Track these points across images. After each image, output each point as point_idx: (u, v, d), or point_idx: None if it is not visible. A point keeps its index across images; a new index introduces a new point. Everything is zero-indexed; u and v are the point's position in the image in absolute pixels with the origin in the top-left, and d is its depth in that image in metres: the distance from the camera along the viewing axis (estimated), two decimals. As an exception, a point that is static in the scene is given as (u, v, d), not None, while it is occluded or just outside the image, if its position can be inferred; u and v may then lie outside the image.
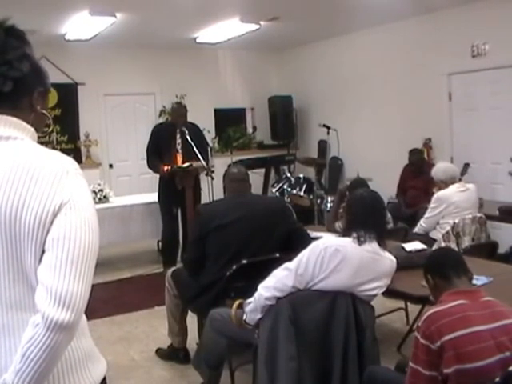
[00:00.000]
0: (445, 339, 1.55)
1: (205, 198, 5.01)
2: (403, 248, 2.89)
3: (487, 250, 3.26)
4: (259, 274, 2.26)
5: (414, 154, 5.24)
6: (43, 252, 0.96)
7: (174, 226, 4.92)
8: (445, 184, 3.69)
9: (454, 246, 3.39)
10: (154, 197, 5.08)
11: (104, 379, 1.14)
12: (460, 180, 3.90)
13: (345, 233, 2.26)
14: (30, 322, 0.93)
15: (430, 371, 1.59)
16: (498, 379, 1.52)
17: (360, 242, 2.15)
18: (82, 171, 1.05)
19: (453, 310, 1.62)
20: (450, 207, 3.59)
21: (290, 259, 2.21)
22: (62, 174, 0.99)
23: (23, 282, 0.99)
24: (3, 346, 0.99)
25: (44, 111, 1.12)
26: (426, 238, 3.58)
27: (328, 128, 5.55)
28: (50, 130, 6.50)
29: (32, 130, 1.08)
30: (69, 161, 1.04)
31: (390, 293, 2.42)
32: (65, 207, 0.97)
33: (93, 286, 1.01)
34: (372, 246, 2.18)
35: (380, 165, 6.13)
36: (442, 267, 1.82)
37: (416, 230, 3.79)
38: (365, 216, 2.19)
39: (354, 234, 2.17)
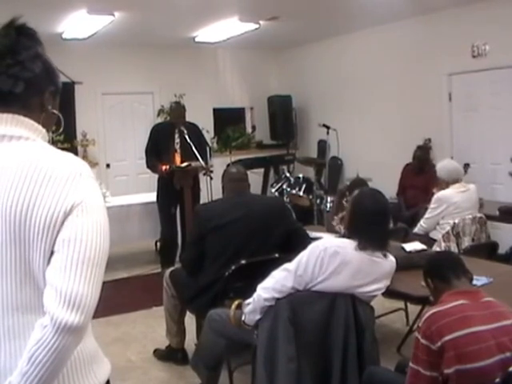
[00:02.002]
0: (445, 339, 1.55)
1: (204, 198, 4.99)
2: (403, 248, 2.87)
3: (487, 250, 3.26)
4: (258, 275, 2.24)
5: (422, 149, 5.22)
6: (52, 253, 0.95)
7: (173, 226, 4.89)
8: (446, 184, 3.67)
9: (454, 246, 3.38)
10: (151, 197, 5.06)
11: (108, 380, 1.13)
12: (460, 180, 3.88)
13: (345, 237, 2.23)
14: (38, 324, 0.92)
15: (430, 372, 1.58)
16: (497, 380, 1.51)
17: (361, 249, 2.11)
18: (94, 174, 1.04)
19: (453, 310, 1.62)
20: (451, 207, 3.58)
21: (290, 259, 2.19)
22: (75, 175, 0.98)
23: (31, 284, 0.97)
24: (8, 349, 0.98)
25: (55, 111, 1.11)
26: (425, 238, 3.57)
27: (327, 128, 5.54)
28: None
29: (44, 131, 1.07)
30: (82, 163, 1.03)
31: (389, 293, 2.41)
32: (76, 209, 0.96)
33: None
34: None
35: (380, 165, 6.12)
36: (440, 269, 1.82)
37: (416, 230, 3.77)
38: (367, 229, 2.12)
39: (356, 241, 2.12)
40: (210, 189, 4.93)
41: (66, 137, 6.67)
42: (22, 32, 1.05)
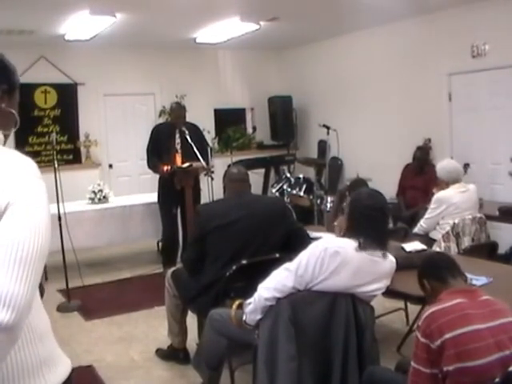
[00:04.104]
0: (446, 337, 1.56)
1: (204, 198, 5.01)
2: (403, 248, 2.89)
3: (487, 250, 3.27)
4: (259, 275, 2.26)
5: (421, 150, 5.24)
6: None
7: (174, 226, 4.91)
8: (445, 184, 3.68)
9: (453, 246, 3.40)
10: (153, 197, 5.07)
11: (67, 380, 1.11)
12: (460, 180, 3.89)
13: (345, 236, 2.24)
14: None
15: (431, 369, 1.59)
16: (497, 379, 1.52)
17: (361, 248, 2.12)
18: (40, 174, 1.02)
19: (452, 308, 1.63)
20: (451, 208, 3.59)
21: (290, 259, 2.20)
22: (14, 174, 0.97)
23: None
24: None
25: (11, 110, 1.09)
26: (425, 238, 3.58)
27: (328, 128, 5.55)
28: (50, 129, 6.52)
29: None
30: (26, 161, 1.01)
31: (389, 293, 2.42)
32: (11, 207, 0.94)
33: (92, 286, 1.01)
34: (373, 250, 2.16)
35: (380, 165, 6.13)
36: (436, 270, 1.83)
37: (416, 230, 3.78)
38: (365, 226, 2.14)
39: (356, 241, 2.13)
40: (211, 189, 4.95)
41: (69, 137, 6.71)
42: None
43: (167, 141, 4.85)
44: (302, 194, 6.04)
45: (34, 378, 1.03)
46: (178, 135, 4.85)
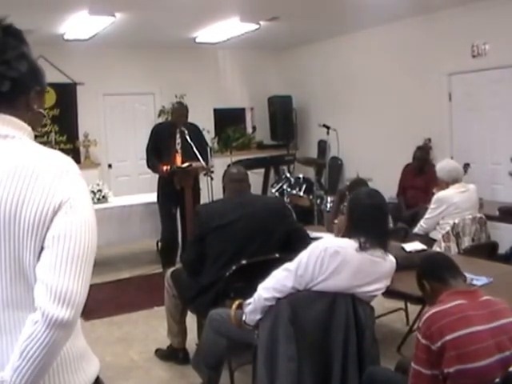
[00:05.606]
0: (446, 339, 1.56)
1: (204, 198, 5.01)
2: (403, 248, 2.89)
3: (487, 250, 3.27)
4: (259, 275, 2.25)
5: (421, 150, 5.25)
6: (42, 250, 0.97)
7: (173, 226, 4.90)
8: (445, 184, 3.68)
9: (453, 246, 3.40)
10: (153, 197, 5.07)
11: (97, 378, 1.15)
12: (460, 180, 3.88)
13: (345, 237, 2.23)
14: (29, 320, 0.94)
15: (431, 370, 1.59)
16: (497, 380, 1.52)
17: (362, 249, 2.11)
18: (80, 171, 1.06)
19: (453, 310, 1.63)
20: (451, 208, 3.58)
21: (290, 259, 2.19)
22: (61, 173, 1.00)
23: (21, 281, 0.99)
24: (0, 344, 0.99)
25: (41, 110, 1.13)
26: (425, 238, 3.57)
27: (328, 128, 5.55)
28: (49, 129, 6.51)
29: (29, 128, 1.09)
30: (68, 160, 1.05)
31: (389, 293, 2.41)
32: (65, 206, 0.98)
33: (92, 286, 1.02)
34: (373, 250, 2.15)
35: (380, 165, 6.13)
36: (437, 270, 1.82)
37: (416, 230, 3.78)
38: (365, 225, 2.13)
39: (356, 241, 2.13)
40: (211, 189, 4.95)
41: (68, 137, 6.71)
42: (8, 32, 1.07)
43: (167, 140, 4.85)
44: (301, 194, 6.04)
45: (76, 371, 1.07)
46: (178, 135, 4.85)
